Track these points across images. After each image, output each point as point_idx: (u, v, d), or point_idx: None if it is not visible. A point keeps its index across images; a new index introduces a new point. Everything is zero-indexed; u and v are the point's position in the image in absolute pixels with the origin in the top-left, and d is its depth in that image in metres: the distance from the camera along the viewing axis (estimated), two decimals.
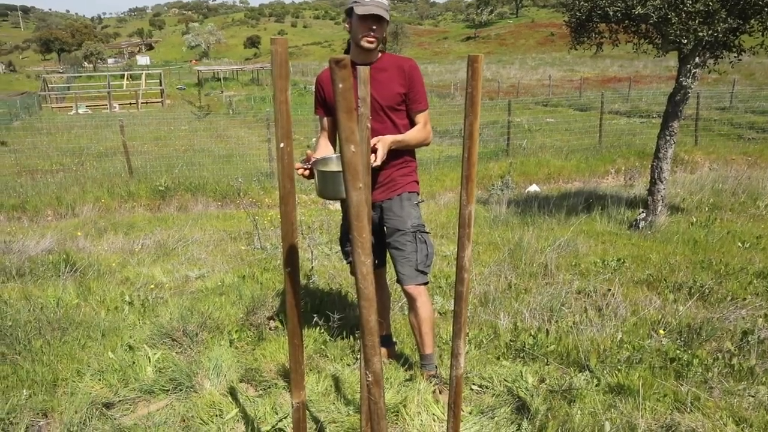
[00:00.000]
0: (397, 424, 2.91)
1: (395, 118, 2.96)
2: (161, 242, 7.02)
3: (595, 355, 3.36)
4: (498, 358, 3.52)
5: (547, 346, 3.52)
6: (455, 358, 1.90)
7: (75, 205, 10.05)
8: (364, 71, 1.94)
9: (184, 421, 2.89)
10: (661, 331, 3.63)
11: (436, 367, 3.26)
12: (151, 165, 13.19)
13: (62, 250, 6.14)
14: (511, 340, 3.66)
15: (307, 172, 2.72)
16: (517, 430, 2.78)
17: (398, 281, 3.11)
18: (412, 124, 3.04)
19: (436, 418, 2.93)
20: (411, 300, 3.09)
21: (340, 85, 1.36)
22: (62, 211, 9.94)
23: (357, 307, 1.51)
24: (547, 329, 3.73)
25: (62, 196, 10.37)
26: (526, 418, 2.80)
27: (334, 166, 2.75)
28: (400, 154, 3.01)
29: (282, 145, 1.68)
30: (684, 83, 6.62)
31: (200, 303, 4.51)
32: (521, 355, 3.50)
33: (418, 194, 3.18)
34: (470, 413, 2.99)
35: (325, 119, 3.07)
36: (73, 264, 5.59)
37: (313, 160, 2.73)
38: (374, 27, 2.75)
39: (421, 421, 2.92)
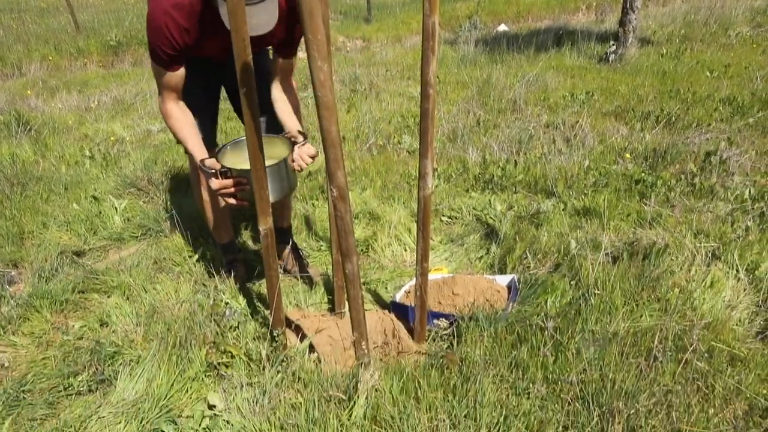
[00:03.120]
0: (368, 255, 2.96)
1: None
2: (118, 98, 6.70)
3: (562, 182, 3.38)
4: (467, 191, 3.53)
5: (516, 176, 3.53)
6: (423, 178, 1.85)
7: (21, 65, 9.38)
8: None
9: (156, 263, 2.88)
10: (628, 155, 3.65)
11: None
12: (99, 19, 12.22)
13: (12, 110, 5.81)
14: (479, 173, 3.65)
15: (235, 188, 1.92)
16: (486, 254, 2.84)
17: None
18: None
19: (407, 247, 2.98)
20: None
21: None
22: (7, 71, 9.29)
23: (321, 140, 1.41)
24: (515, 161, 3.72)
25: (5, 55, 9.64)
26: (495, 243, 2.85)
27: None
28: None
29: None
30: None
31: (164, 154, 4.38)
32: (490, 186, 3.51)
33: None
34: (440, 242, 3.03)
35: (177, 73, 2.02)
36: (26, 123, 5.32)
37: (219, 152, 1.98)
38: None
39: (392, 251, 2.96)
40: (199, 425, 1.82)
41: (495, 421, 1.68)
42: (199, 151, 2.04)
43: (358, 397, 1.74)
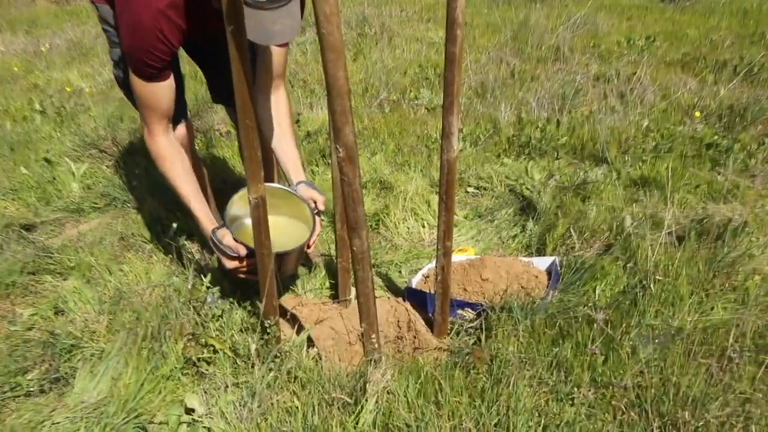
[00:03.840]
0: (378, 232, 2.94)
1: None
2: (75, 41, 6.69)
3: (615, 146, 3.34)
4: (498, 156, 3.50)
5: (558, 139, 3.49)
6: (447, 138, 1.82)
7: None
8: None
9: (123, 239, 2.88)
10: (698, 114, 3.60)
11: None
12: None
13: None
14: (513, 135, 3.62)
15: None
16: (521, 232, 2.81)
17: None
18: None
19: (425, 223, 2.96)
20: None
21: None
22: None
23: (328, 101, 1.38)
24: (557, 120, 3.68)
25: None
26: (532, 219, 2.83)
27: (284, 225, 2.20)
28: None
29: None
30: None
31: (132, 109, 4.34)
32: (526, 150, 3.48)
33: None
34: (466, 217, 3.01)
35: (167, 83, 2.04)
36: None
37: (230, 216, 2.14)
38: None
39: (408, 228, 2.95)
40: None
41: None
42: (207, 219, 2.10)
43: (366, 400, 1.73)
